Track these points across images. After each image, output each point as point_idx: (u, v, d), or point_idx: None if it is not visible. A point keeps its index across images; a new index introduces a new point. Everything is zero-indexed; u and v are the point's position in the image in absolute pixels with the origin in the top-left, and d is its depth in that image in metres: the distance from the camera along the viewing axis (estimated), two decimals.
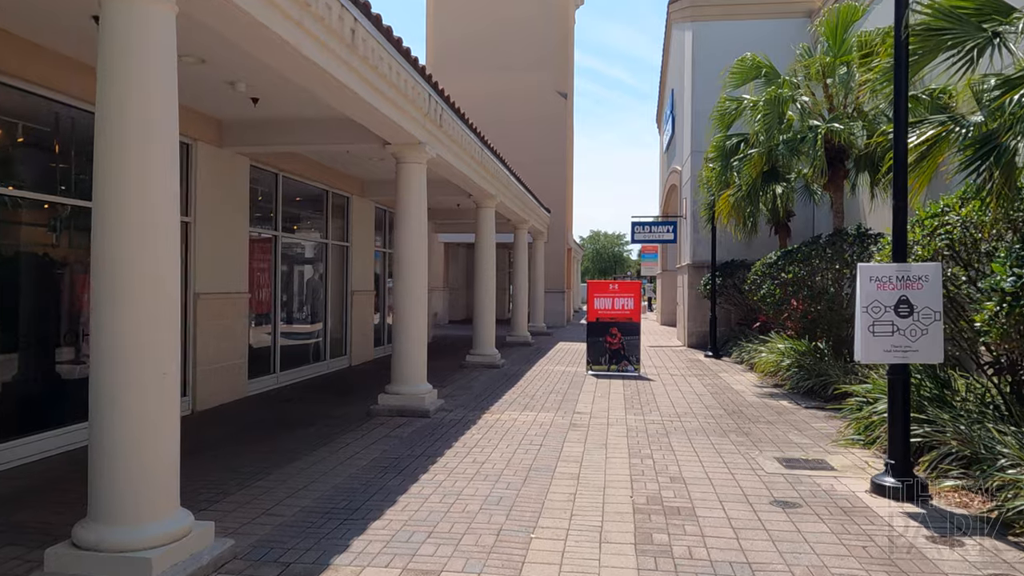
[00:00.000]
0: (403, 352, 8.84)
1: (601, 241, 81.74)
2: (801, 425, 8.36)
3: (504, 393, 10.59)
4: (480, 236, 13.95)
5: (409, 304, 8.84)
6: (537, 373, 13.02)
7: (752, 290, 13.67)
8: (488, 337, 13.94)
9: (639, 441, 7.44)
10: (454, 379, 12.07)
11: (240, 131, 9.10)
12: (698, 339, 18.52)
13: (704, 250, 18.45)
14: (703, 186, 16.13)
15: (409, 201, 8.85)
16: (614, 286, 13.11)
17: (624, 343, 12.92)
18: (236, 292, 9.56)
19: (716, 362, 15.19)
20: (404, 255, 8.85)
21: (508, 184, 14.67)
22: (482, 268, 13.89)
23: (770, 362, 12.23)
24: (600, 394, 10.60)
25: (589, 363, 13.07)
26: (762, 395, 10.62)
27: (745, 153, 12.00)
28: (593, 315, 13.12)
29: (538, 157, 26.71)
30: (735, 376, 12.84)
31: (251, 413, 8.85)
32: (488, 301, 13.94)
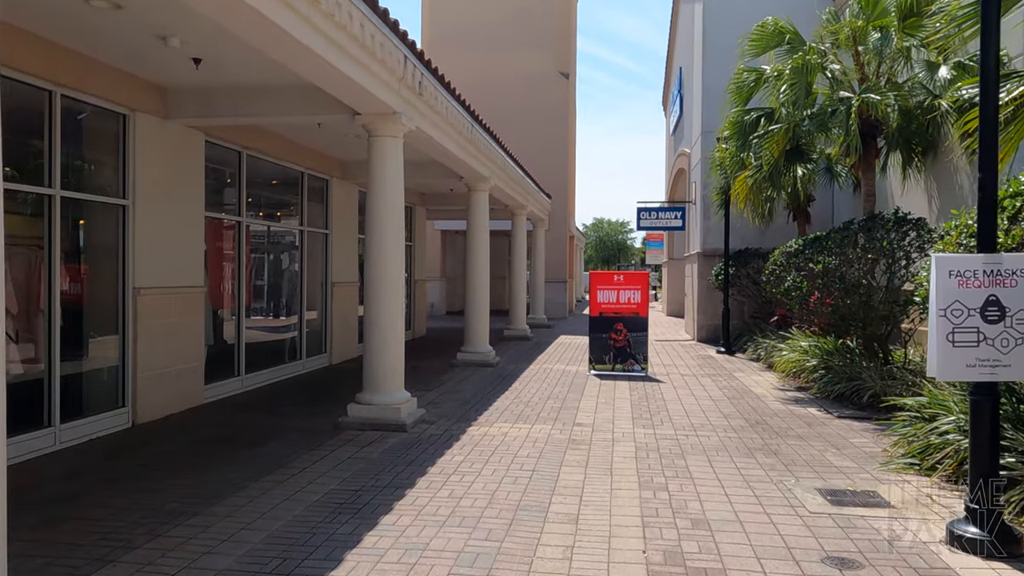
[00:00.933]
0: (376, 356, 7.66)
1: (605, 229, 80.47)
2: (838, 441, 7.17)
3: (496, 399, 9.41)
4: (473, 222, 12.74)
5: (384, 299, 7.66)
6: (534, 373, 11.84)
7: (771, 281, 12.44)
8: (481, 332, 12.77)
9: (650, 464, 6.26)
10: (441, 381, 10.90)
11: (188, 101, 7.89)
12: (708, 333, 17.33)
13: (715, 237, 17.22)
14: (715, 168, 14.89)
15: (383, 179, 7.64)
16: (619, 277, 11.91)
17: (630, 340, 11.73)
18: (188, 286, 8.38)
19: (730, 359, 14.00)
20: (378, 241, 7.65)
21: (504, 166, 13.45)
22: (475, 257, 12.70)
23: (792, 362, 11.03)
24: (604, 400, 9.42)
25: (591, 362, 11.88)
26: (786, 401, 9.43)
27: (766, 129, 10.75)
28: (596, 309, 11.93)
29: (539, 140, 25.43)
30: (753, 376, 11.65)
31: (202, 427, 7.69)
32: (481, 293, 12.75)
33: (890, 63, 10.46)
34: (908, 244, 8.79)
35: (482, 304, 12.77)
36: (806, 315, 10.21)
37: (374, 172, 7.65)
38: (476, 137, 10.89)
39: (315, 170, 11.91)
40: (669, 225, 19.41)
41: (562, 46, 26.70)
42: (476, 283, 12.71)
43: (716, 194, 15.59)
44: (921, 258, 8.89)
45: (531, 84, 25.86)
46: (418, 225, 17.86)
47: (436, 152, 10.09)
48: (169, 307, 8.01)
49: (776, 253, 12.64)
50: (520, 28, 26.08)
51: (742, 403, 9.26)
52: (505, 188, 14.45)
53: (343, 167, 12.82)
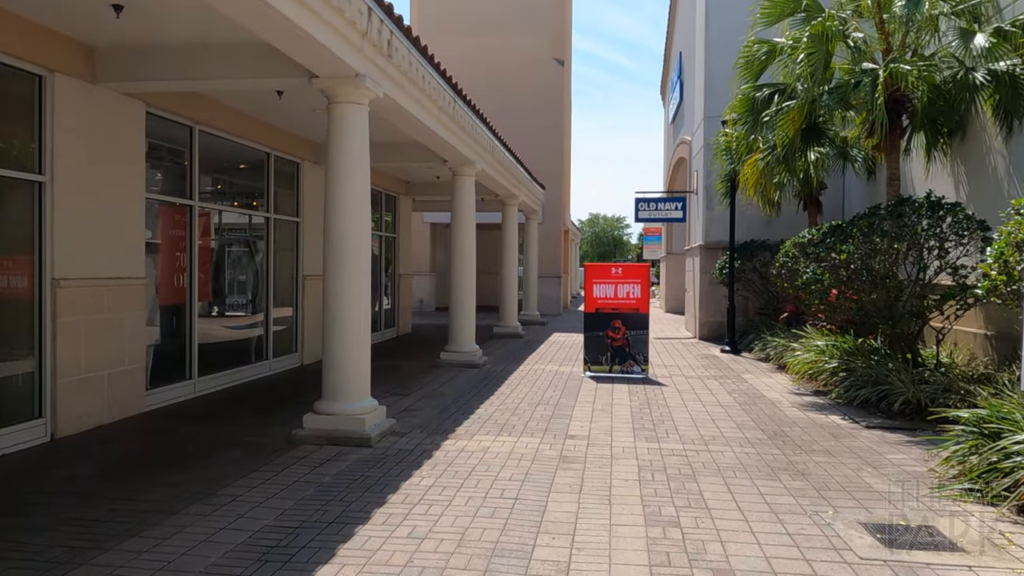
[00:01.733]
0: (337, 358, 6.61)
1: (600, 224, 79.47)
2: (873, 457, 6.16)
3: (479, 405, 8.37)
4: (458, 210, 11.68)
5: (346, 292, 6.61)
6: (524, 375, 10.80)
7: (783, 275, 11.43)
8: (466, 331, 11.72)
9: (657, 490, 5.23)
10: (421, 384, 9.85)
11: (119, 62, 6.81)
12: (711, 330, 16.31)
13: (718, 229, 16.20)
14: (720, 154, 13.88)
15: (345, 152, 6.58)
16: (617, 270, 10.87)
17: (629, 339, 10.70)
18: (126, 277, 7.32)
19: (736, 359, 12.98)
20: (339, 225, 6.60)
21: (491, 150, 12.39)
22: (460, 248, 11.64)
23: (807, 363, 10.01)
24: (601, 406, 8.39)
25: (587, 363, 10.85)
26: (805, 407, 8.41)
27: (780, 106, 9.69)
28: (592, 304, 10.89)
29: (532, 128, 24.37)
30: (763, 379, 10.62)
31: (133, 441, 6.62)
32: (467, 288, 11.70)
33: (916, 33, 9.44)
34: (944, 231, 7.77)
35: (467, 300, 11.72)
36: (827, 311, 9.17)
37: (334, 144, 6.59)
38: (459, 115, 9.83)
39: (284, 152, 10.83)
40: (669, 216, 18.39)
41: (556, 31, 25.63)
42: (461, 277, 11.66)
43: (720, 182, 14.56)
44: (958, 247, 7.88)
45: (524, 70, 24.79)
46: (402, 216, 16.80)
47: (412, 128, 9.04)
48: (100, 301, 6.94)
49: (788, 244, 11.65)
50: (513, 11, 25.00)
51: (756, 410, 8.23)
52: (493, 174, 13.40)
53: (316, 150, 11.75)
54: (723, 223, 15.98)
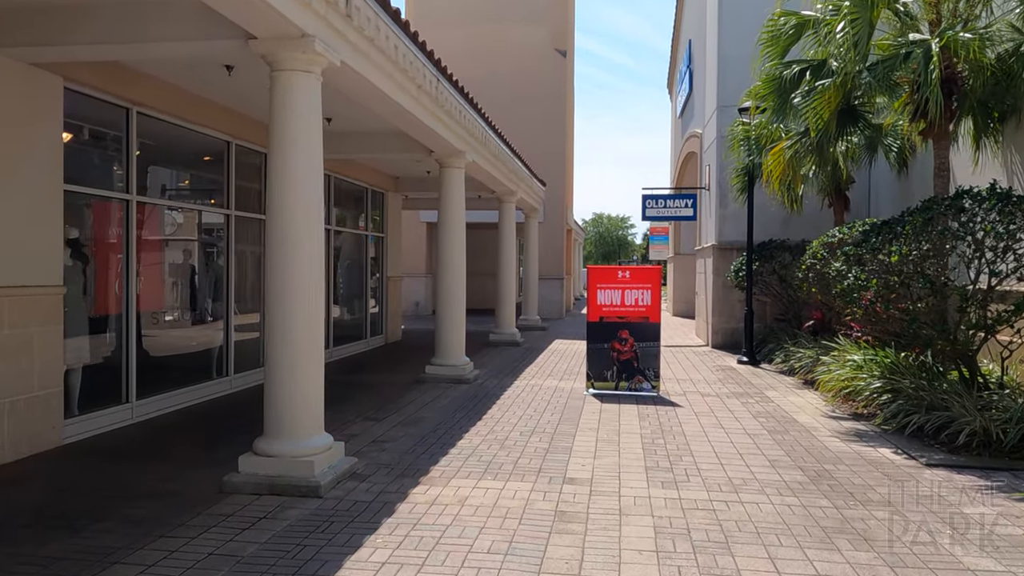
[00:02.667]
0: (281, 384, 5.37)
1: (605, 224, 78.23)
2: (947, 511, 4.90)
3: (463, 434, 7.12)
4: (446, 205, 10.44)
5: (292, 303, 5.37)
6: (519, 393, 9.54)
7: (810, 279, 10.17)
8: (455, 341, 10.47)
9: (682, 568, 3.97)
10: (400, 406, 8.60)
11: (16, 24, 5.58)
12: (725, 338, 15.04)
13: (733, 228, 14.93)
14: (736, 145, 12.61)
15: (289, 131, 5.34)
16: (624, 273, 9.61)
17: (638, 352, 9.44)
18: (35, 285, 6.09)
19: (755, 372, 11.70)
20: (285, 222, 5.36)
21: (484, 140, 11.15)
22: (448, 249, 10.40)
23: (843, 380, 8.74)
24: (606, 435, 7.13)
25: (590, 378, 9.60)
26: (846, 436, 7.15)
27: (813, 85, 8.41)
28: (595, 312, 9.63)
29: (533, 122, 23.12)
30: (790, 397, 9.36)
31: (24, 487, 5.39)
32: (455, 293, 10.46)
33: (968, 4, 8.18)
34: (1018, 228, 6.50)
35: (456, 307, 10.47)
36: (873, 322, 7.89)
37: (277, 122, 5.35)
38: (444, 97, 8.59)
39: (247, 140, 9.60)
40: (678, 215, 17.12)
41: (558, 21, 24.37)
42: (449, 281, 10.42)
43: (736, 176, 13.29)
44: None
45: (524, 60, 23.54)
46: (391, 213, 15.55)
47: (390, 112, 7.80)
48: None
49: (815, 244, 10.41)
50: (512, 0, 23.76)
51: (789, 440, 6.97)
52: (487, 167, 12.14)
53: None
54: (738, 221, 14.71)
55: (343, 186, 13.23)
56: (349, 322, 13.83)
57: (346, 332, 13.52)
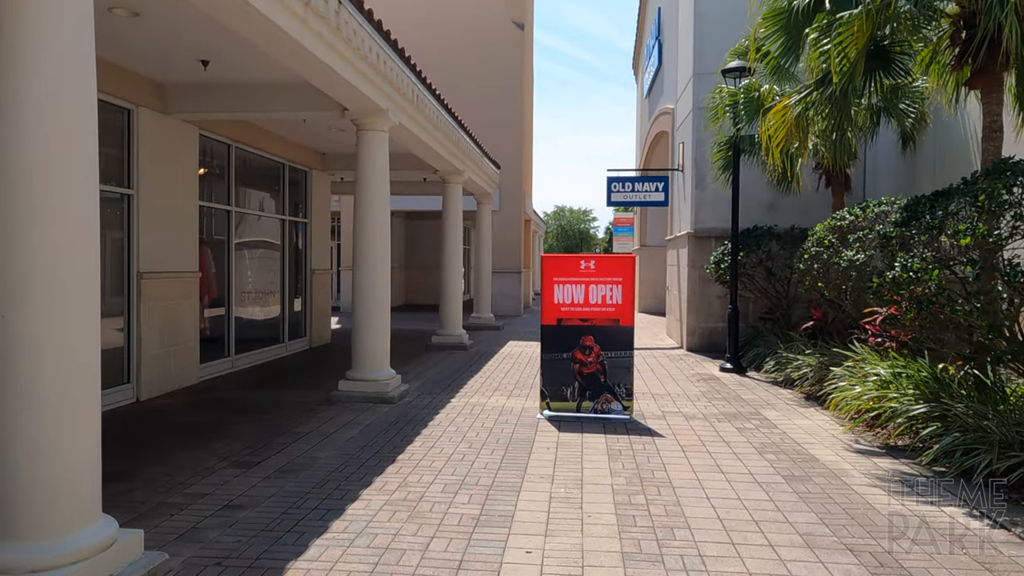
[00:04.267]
0: (18, 459, 3.20)
1: (567, 217, 76.44)
2: None
3: (357, 495, 4.99)
4: (363, 177, 8.28)
5: (69, 305, 3.19)
6: (454, 417, 7.45)
7: (814, 271, 8.29)
8: (376, 349, 8.33)
9: None
10: (289, 440, 6.43)
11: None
12: (702, 339, 13.14)
13: (710, 213, 13.04)
14: (719, 114, 10.67)
15: None
16: (588, 264, 7.56)
17: (606, 363, 7.43)
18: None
19: (742, 382, 9.78)
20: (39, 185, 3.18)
21: (416, 100, 9.01)
22: (367, 232, 8.25)
23: (861, 398, 6.83)
24: (564, 490, 5.08)
25: (545, 397, 7.56)
26: (891, 484, 5.22)
27: (835, 15, 6.42)
28: (552, 313, 7.59)
29: (487, 99, 21.03)
30: (795, 419, 7.43)
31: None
32: (376, 288, 8.32)
33: None
34: None
35: (377, 306, 8.33)
36: (929, 325, 5.91)
37: None
38: (350, 28, 6.44)
39: (109, 94, 7.34)
40: (648, 200, 15.19)
41: None
42: (368, 273, 8.27)
43: (718, 151, 11.36)
44: None
45: (479, 33, 21.40)
46: (317, 196, 13.30)
47: (263, 37, 5.62)
48: None
49: (820, 229, 8.55)
50: None
51: (816, 492, 5.01)
52: (422, 136, 10.00)
53: (162, 94, 8.26)
54: (717, 205, 12.83)
55: (251, 160, 10.96)
56: (262, 323, 11.57)
57: (256, 335, 11.27)
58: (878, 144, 11.36)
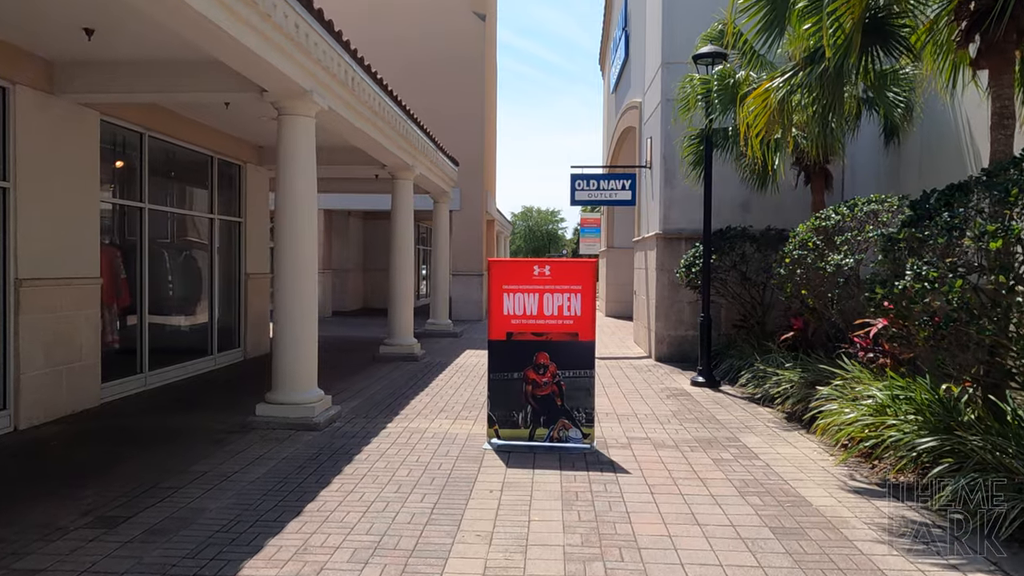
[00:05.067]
0: None
1: (534, 218, 75.60)
2: None
3: (250, 557, 3.93)
4: (285, 167, 7.19)
5: None
6: (387, 448, 6.38)
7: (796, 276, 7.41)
8: (299, 367, 7.23)
9: None
10: (179, 484, 5.31)
11: None
12: (672, 348, 12.23)
13: (682, 213, 12.14)
14: (691, 104, 9.77)
15: None
16: (543, 269, 6.55)
17: (563, 384, 6.43)
18: None
19: (716, 399, 8.86)
20: None
21: (352, 85, 7.95)
22: (290, 230, 7.16)
23: (855, 424, 5.92)
24: (504, 548, 4.07)
25: (493, 422, 6.53)
26: (900, 539, 4.30)
27: None
28: (501, 326, 6.56)
29: (447, 96, 20.01)
30: (779, 446, 6.50)
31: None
32: (303, 293, 7.23)
33: None
34: None
35: (300, 319, 7.23)
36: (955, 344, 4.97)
37: None
38: None
39: None
40: (615, 199, 14.25)
41: None
42: (290, 280, 7.18)
43: (689, 145, 10.45)
44: None
45: (438, 23, 20.34)
46: (252, 193, 12.12)
47: None
48: None
49: (803, 229, 7.67)
50: None
51: (812, 552, 4.06)
52: (363, 125, 8.92)
53: (50, 73, 7.08)
54: (687, 204, 11.94)
55: (173, 152, 9.78)
56: (186, 333, 10.39)
57: (179, 347, 10.09)
58: (859, 140, 10.54)
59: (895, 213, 7.16)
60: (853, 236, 7.13)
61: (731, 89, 8.95)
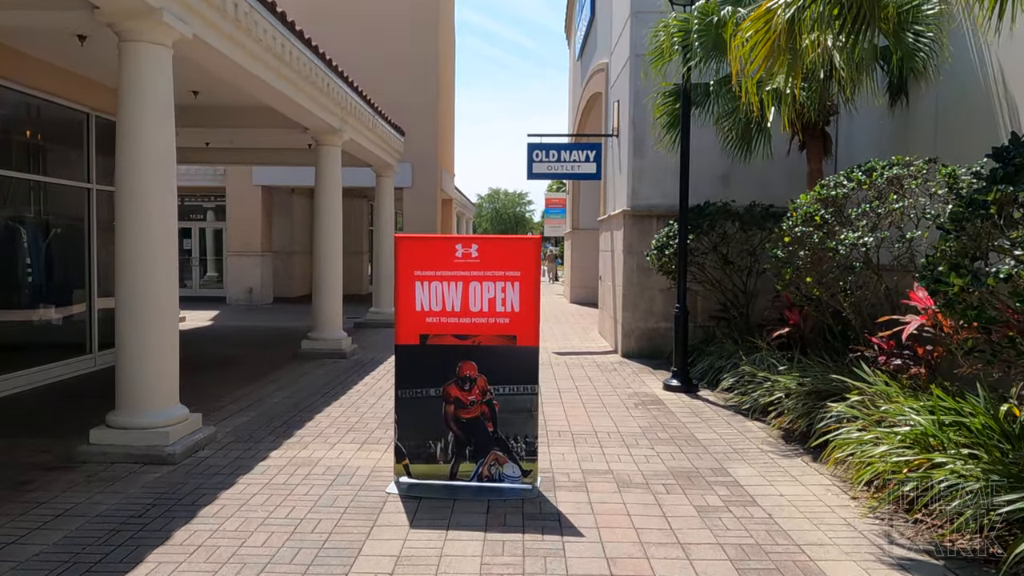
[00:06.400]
0: None
1: (501, 200, 73.80)
2: None
3: None
4: (128, 115, 5.36)
5: None
6: (250, 495, 4.65)
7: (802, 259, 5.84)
8: (152, 379, 5.44)
9: None
10: None
11: None
12: (641, 342, 10.64)
13: (653, 186, 10.51)
14: (665, 52, 8.12)
15: None
16: (468, 248, 4.83)
17: (496, 404, 4.77)
18: None
19: (695, 408, 7.27)
20: None
21: (233, 11, 6.13)
22: (133, 198, 5.36)
23: (888, 460, 4.35)
24: None
25: (402, 455, 4.84)
26: None
27: None
28: (412, 327, 4.85)
29: (394, 61, 18.13)
30: (784, 486, 4.91)
31: None
32: (155, 280, 5.44)
33: None
34: None
35: (151, 315, 5.43)
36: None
37: None
38: None
39: None
40: (577, 171, 12.56)
41: None
42: (136, 265, 5.39)
43: (663, 103, 8.79)
44: None
45: None
46: None
47: None
48: None
49: (806, 201, 6.03)
50: None
51: None
52: (249, 65, 7.08)
53: None
54: (660, 177, 10.32)
55: (28, 106, 7.89)
56: (54, 328, 8.54)
57: (44, 343, 8.25)
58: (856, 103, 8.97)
59: (924, 179, 5.61)
60: (873, 207, 5.54)
61: (715, 30, 7.32)
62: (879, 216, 5.60)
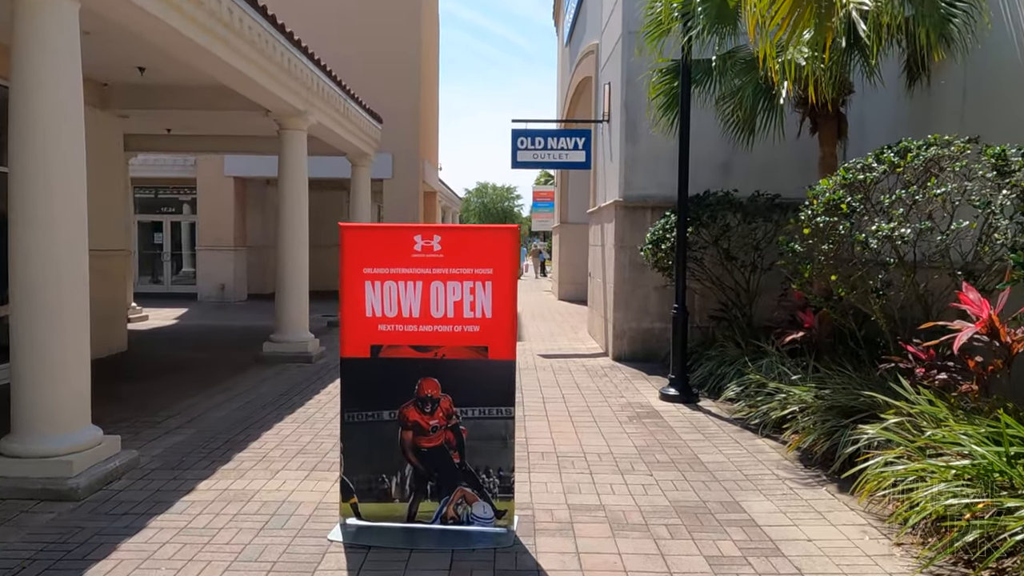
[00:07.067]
0: None
1: (489, 194, 72.92)
2: None
3: None
4: (26, 81, 4.47)
5: None
6: (161, 543, 3.77)
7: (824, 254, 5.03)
8: (56, 398, 4.55)
9: None
10: None
11: None
12: (634, 344, 9.81)
13: (647, 175, 9.68)
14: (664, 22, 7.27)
15: None
16: (430, 240, 3.98)
17: (464, 430, 3.92)
18: None
19: (696, 422, 6.44)
20: None
21: None
22: (29, 181, 4.47)
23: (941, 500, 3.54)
24: None
25: (350, 492, 3.98)
26: None
27: None
28: (361, 336, 3.99)
29: (375, 50, 17.24)
30: (810, 527, 4.07)
31: None
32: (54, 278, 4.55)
33: None
34: None
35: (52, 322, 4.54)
36: None
37: None
38: None
39: None
40: (565, 160, 11.71)
41: None
42: (33, 263, 4.51)
43: (660, 81, 7.95)
44: None
45: None
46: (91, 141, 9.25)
47: None
48: None
49: (827, 185, 5.22)
50: None
51: None
52: (201, 39, 6.20)
53: None
54: (655, 165, 9.48)
55: None
56: None
57: None
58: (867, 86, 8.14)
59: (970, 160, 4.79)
60: (911, 194, 4.71)
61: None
62: (915, 203, 4.77)
